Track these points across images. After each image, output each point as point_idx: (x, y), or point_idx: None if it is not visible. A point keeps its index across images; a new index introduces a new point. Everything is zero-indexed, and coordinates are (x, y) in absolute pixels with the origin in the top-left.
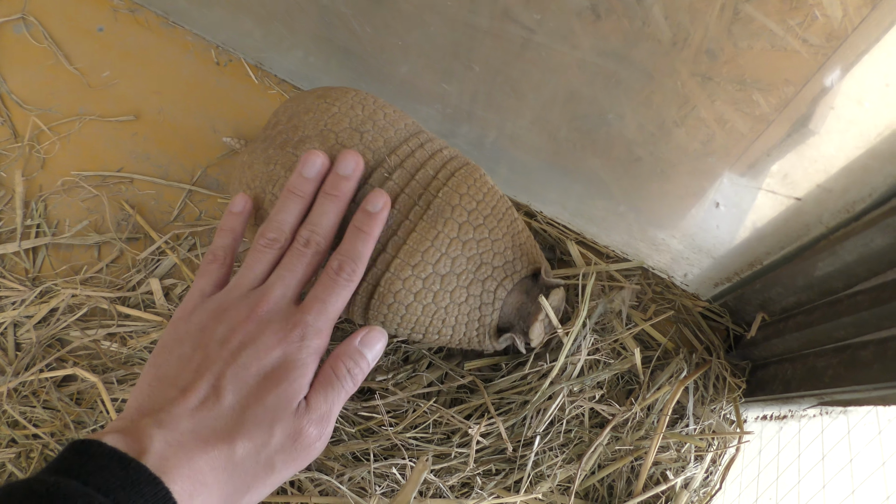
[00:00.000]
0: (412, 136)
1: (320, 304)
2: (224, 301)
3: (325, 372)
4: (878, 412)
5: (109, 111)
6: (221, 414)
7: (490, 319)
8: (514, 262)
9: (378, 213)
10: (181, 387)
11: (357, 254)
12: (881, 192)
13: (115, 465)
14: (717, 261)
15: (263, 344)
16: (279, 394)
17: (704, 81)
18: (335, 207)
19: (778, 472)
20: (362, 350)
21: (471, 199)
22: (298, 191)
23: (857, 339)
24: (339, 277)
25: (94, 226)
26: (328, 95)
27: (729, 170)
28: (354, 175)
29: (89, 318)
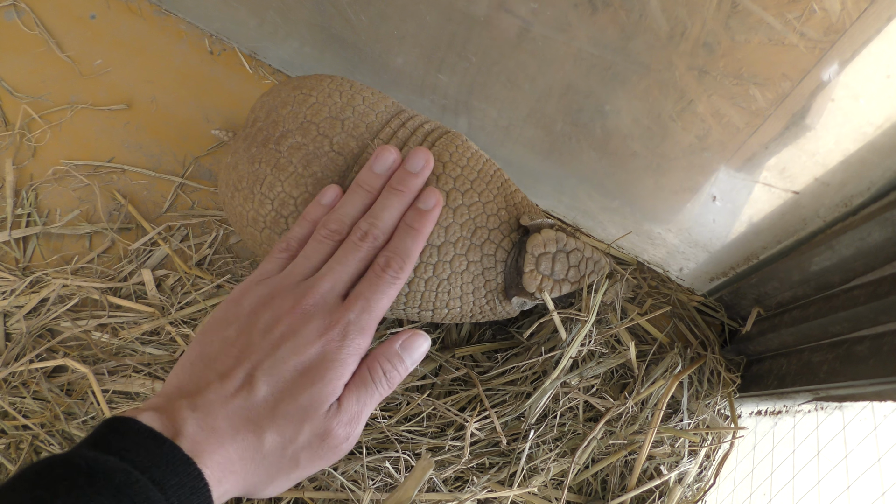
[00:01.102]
0: (393, 117)
1: (364, 301)
2: (275, 288)
3: (361, 372)
4: (873, 408)
5: (101, 100)
6: (255, 404)
7: (496, 284)
8: (511, 221)
9: (430, 211)
10: (220, 371)
11: (406, 251)
12: (879, 187)
13: (151, 443)
14: (713, 255)
15: (304, 338)
16: (313, 393)
17: (701, 75)
18: (399, 203)
19: (772, 468)
20: (402, 354)
21: (454, 166)
22: (367, 185)
23: (852, 335)
24: (386, 274)
25: (85, 215)
26: (304, 85)
27: (725, 164)
28: (423, 173)
29: (80, 309)
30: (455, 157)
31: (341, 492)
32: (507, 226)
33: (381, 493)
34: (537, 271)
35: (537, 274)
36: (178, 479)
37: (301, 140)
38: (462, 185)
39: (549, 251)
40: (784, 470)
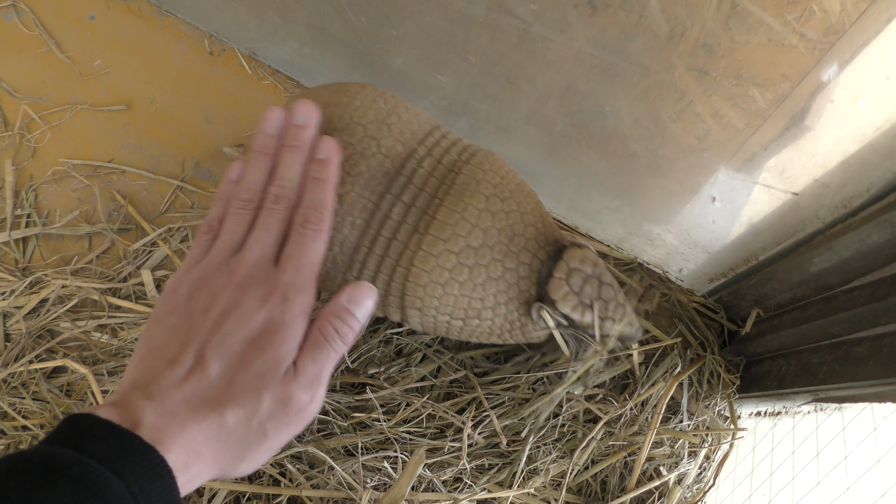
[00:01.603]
0: (434, 129)
1: (295, 261)
2: (206, 269)
3: (312, 334)
4: (872, 409)
5: (101, 100)
6: (210, 383)
7: (529, 296)
8: (546, 233)
9: (329, 159)
10: (168, 359)
11: (319, 202)
12: (879, 188)
13: (109, 435)
14: (713, 256)
15: (246, 309)
16: (266, 359)
17: (701, 76)
18: (299, 158)
19: (772, 469)
20: (350, 308)
21: (494, 174)
22: (264, 148)
23: (852, 336)
24: (307, 230)
25: (85, 216)
26: (347, 90)
27: (725, 165)
28: (311, 122)
29: (80, 310)
30: (495, 167)
31: (339, 490)
32: (543, 238)
33: (379, 492)
34: (566, 282)
35: (565, 284)
36: (137, 467)
37: (347, 139)
38: (502, 192)
39: (585, 270)
40: (784, 471)
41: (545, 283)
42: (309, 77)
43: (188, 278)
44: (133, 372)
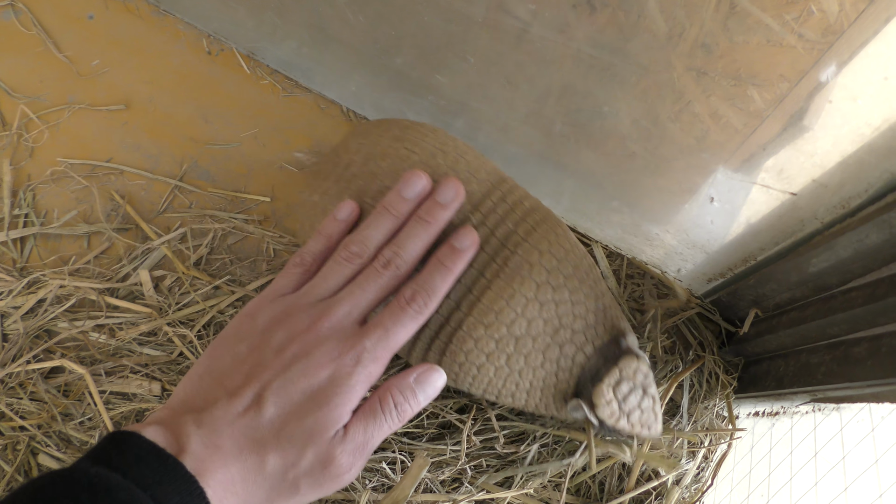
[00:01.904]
0: (494, 188)
1: (383, 330)
2: (291, 306)
3: (371, 402)
4: (871, 409)
5: (99, 100)
6: (260, 424)
7: (567, 386)
8: (596, 325)
9: (464, 251)
10: (228, 389)
11: (433, 287)
12: (877, 188)
13: (154, 460)
14: (711, 256)
15: (315, 361)
16: (319, 416)
17: (699, 76)
18: (426, 234)
19: (770, 469)
20: (416, 388)
21: (551, 257)
22: (393, 209)
23: (850, 336)
24: (409, 308)
25: (83, 216)
26: (406, 138)
27: (724, 165)
28: (453, 205)
29: (77, 310)
30: (553, 247)
31: (339, 491)
32: (592, 331)
33: (378, 494)
34: (613, 391)
35: (612, 394)
36: (179, 498)
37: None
38: (555, 280)
39: (635, 381)
40: (782, 471)
41: (588, 381)
42: (308, 77)
43: (270, 309)
44: (188, 390)
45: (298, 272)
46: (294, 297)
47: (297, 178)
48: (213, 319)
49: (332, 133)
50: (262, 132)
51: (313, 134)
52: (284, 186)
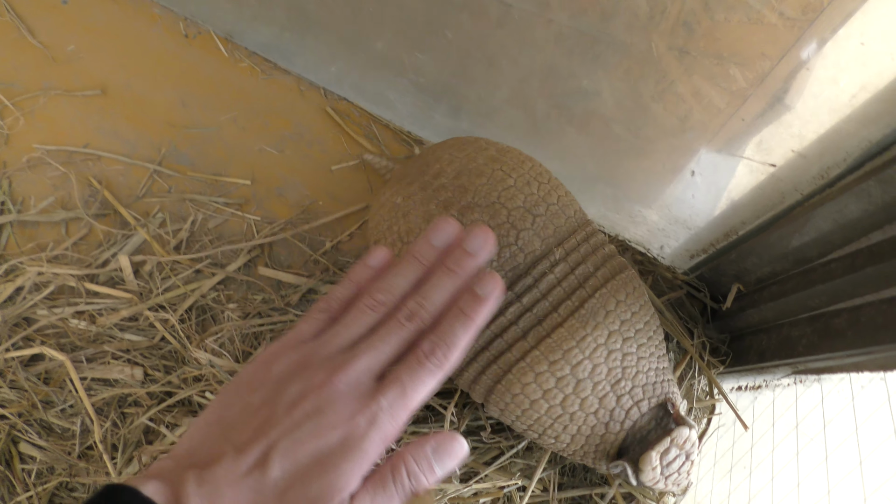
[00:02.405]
0: (580, 227)
1: (400, 387)
2: (309, 356)
3: (383, 470)
4: (851, 379)
5: (75, 86)
6: (263, 488)
7: (614, 438)
8: (655, 385)
9: (487, 298)
10: (236, 443)
11: (454, 339)
12: (855, 157)
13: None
14: (694, 231)
15: (328, 420)
16: (324, 483)
17: (682, 55)
18: (452, 285)
19: (752, 442)
20: (433, 459)
21: (626, 309)
22: (421, 257)
23: (830, 308)
24: (428, 362)
25: (60, 202)
26: (504, 161)
27: (707, 146)
28: (481, 255)
29: (57, 297)
30: (630, 299)
31: None
32: (650, 388)
33: None
34: (660, 459)
35: (658, 462)
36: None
37: (487, 220)
38: (626, 331)
39: (685, 449)
40: (764, 443)
41: (636, 441)
42: (287, 59)
43: (288, 357)
44: (195, 439)
45: (323, 318)
46: (314, 345)
47: (278, 161)
48: (196, 303)
49: (312, 114)
50: (242, 115)
51: (293, 117)
52: (264, 169)
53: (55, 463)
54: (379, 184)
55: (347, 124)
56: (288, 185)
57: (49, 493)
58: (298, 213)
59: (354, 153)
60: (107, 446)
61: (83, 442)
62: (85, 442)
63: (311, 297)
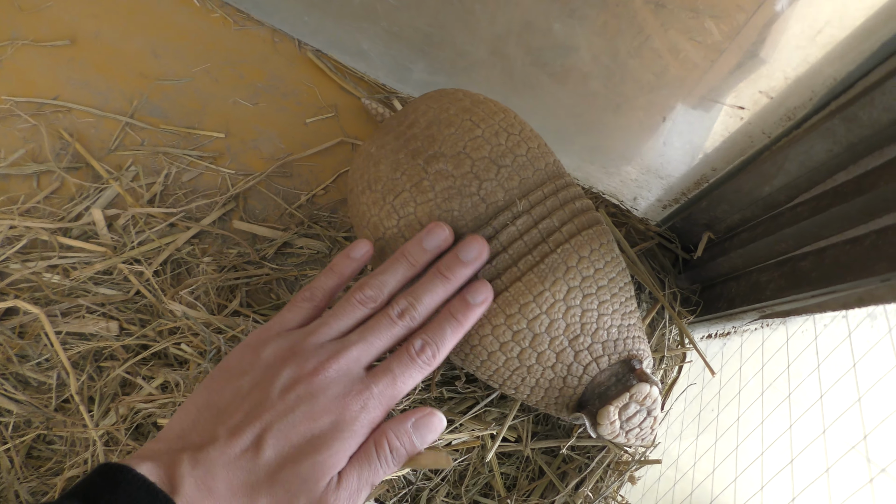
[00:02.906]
0: (549, 180)
1: (391, 378)
2: (298, 343)
3: (366, 446)
4: (814, 320)
5: (43, 35)
6: (256, 467)
7: (573, 392)
8: (617, 342)
9: (478, 306)
10: (228, 426)
11: (443, 339)
12: (821, 96)
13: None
14: (666, 181)
15: (321, 404)
16: (314, 462)
17: (658, 8)
18: (443, 290)
19: (720, 385)
20: (413, 434)
21: (590, 265)
22: (412, 258)
23: (797, 252)
24: (419, 359)
25: (31, 155)
26: (475, 111)
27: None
28: (474, 264)
29: (29, 251)
30: (594, 255)
31: None
32: (610, 345)
33: None
34: (619, 413)
35: (617, 416)
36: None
37: (451, 170)
38: (587, 287)
39: (645, 405)
40: (732, 385)
41: (595, 395)
42: (260, 9)
43: (277, 344)
44: (185, 423)
45: (307, 307)
46: (302, 333)
47: (252, 113)
48: (171, 257)
49: (286, 66)
50: (215, 66)
51: (267, 67)
52: (239, 122)
53: (32, 416)
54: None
55: (324, 76)
56: (262, 138)
57: (27, 446)
58: (275, 167)
59: (329, 105)
60: (83, 398)
61: (60, 395)
62: (62, 395)
63: (285, 251)
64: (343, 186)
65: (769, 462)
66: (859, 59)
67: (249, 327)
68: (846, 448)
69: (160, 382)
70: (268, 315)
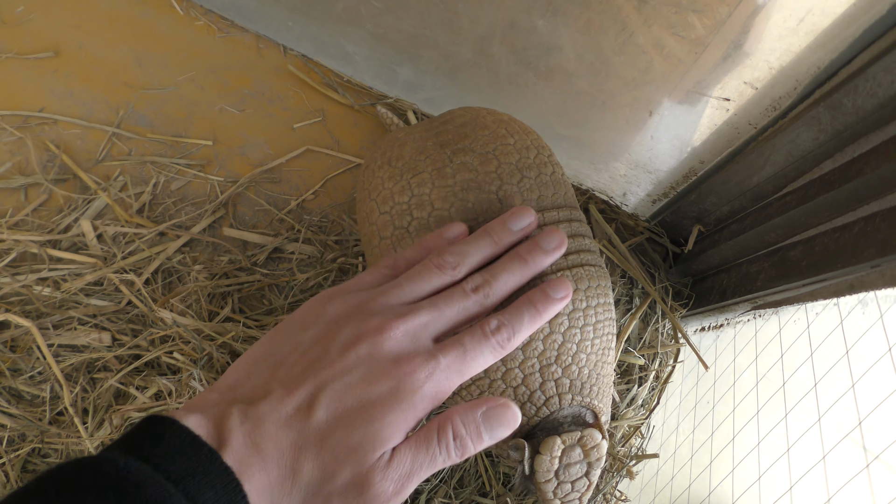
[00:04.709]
0: (566, 207)
1: (462, 351)
2: (367, 301)
3: (428, 428)
4: (806, 308)
5: (26, 48)
6: (307, 429)
7: (525, 421)
8: (584, 386)
9: (557, 301)
10: (283, 381)
11: (520, 326)
12: (805, 85)
13: (189, 450)
14: (654, 175)
15: (380, 366)
16: (367, 432)
17: (641, 4)
18: (521, 273)
19: (715, 377)
20: (482, 424)
21: (584, 299)
22: (496, 236)
23: (786, 242)
24: (493, 338)
25: (18, 168)
26: (510, 125)
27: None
28: (554, 254)
29: (18, 264)
30: (590, 292)
31: None
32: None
33: None
34: (563, 452)
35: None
36: (213, 493)
37: (476, 165)
38: (574, 321)
39: (591, 458)
40: (726, 377)
41: (545, 432)
42: (243, 16)
43: (345, 300)
44: (240, 374)
45: (386, 273)
46: (373, 292)
47: (239, 120)
48: (162, 266)
49: (271, 72)
50: (200, 74)
51: (253, 74)
52: (226, 129)
53: (26, 430)
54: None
55: (310, 81)
56: (250, 144)
57: (22, 461)
58: (262, 172)
59: (316, 110)
60: (77, 411)
61: (53, 408)
62: (55, 408)
63: (276, 256)
64: (332, 191)
65: (765, 452)
66: (842, 47)
67: (240, 333)
68: (841, 436)
69: (154, 392)
70: (260, 321)
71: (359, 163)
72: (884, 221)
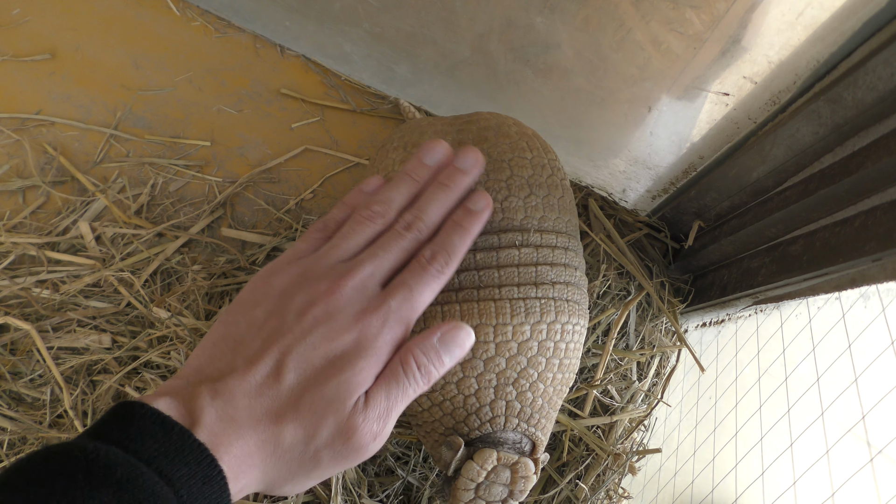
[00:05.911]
0: (566, 234)
1: (407, 290)
2: (310, 268)
3: (392, 365)
4: (808, 303)
5: (23, 50)
6: (279, 394)
7: (467, 432)
8: (533, 415)
9: (480, 212)
10: (247, 356)
11: (452, 247)
12: (805, 79)
13: (158, 431)
14: (654, 171)
15: (339, 323)
16: (340, 382)
17: (638, 1)
18: (446, 199)
19: (717, 373)
20: (440, 348)
21: (556, 333)
22: (415, 174)
23: (787, 236)
24: (431, 267)
25: (15, 170)
26: (532, 140)
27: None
28: (472, 171)
29: (17, 266)
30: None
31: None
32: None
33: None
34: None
35: (490, 466)
36: (187, 469)
37: (488, 169)
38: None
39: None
40: (728, 373)
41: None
42: (240, 16)
43: (288, 271)
44: (201, 358)
45: (319, 237)
46: (312, 258)
47: (237, 120)
48: (161, 267)
49: (269, 72)
50: (197, 75)
51: (250, 74)
52: (224, 129)
53: (27, 433)
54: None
55: (308, 81)
56: (248, 144)
57: None
58: (261, 172)
59: (314, 110)
60: (78, 413)
61: (54, 410)
62: (56, 410)
63: (275, 256)
64: (331, 190)
65: (768, 448)
66: (841, 40)
67: None
68: (844, 430)
69: (152, 392)
70: None
71: (357, 162)
72: (885, 215)
